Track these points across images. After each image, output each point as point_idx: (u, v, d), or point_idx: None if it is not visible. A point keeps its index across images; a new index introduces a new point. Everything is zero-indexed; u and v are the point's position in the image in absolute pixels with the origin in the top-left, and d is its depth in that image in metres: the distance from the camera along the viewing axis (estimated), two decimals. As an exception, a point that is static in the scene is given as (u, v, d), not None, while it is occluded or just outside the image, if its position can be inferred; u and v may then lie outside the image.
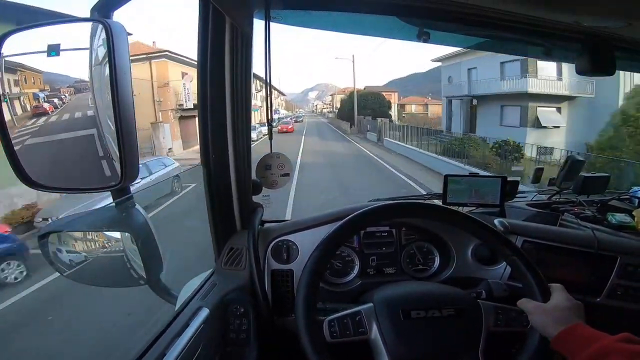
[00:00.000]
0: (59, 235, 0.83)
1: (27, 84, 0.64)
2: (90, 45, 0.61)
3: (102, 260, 0.89)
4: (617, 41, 1.02)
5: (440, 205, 1.03)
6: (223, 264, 1.08)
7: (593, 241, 1.12)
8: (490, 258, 1.14)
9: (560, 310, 0.74)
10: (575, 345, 0.67)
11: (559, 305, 0.75)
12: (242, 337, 0.93)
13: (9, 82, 0.62)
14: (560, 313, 0.73)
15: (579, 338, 0.67)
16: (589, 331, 0.68)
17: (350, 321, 0.80)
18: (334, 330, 0.78)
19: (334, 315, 0.80)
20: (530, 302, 0.78)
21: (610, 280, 1.10)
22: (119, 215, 0.84)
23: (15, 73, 0.63)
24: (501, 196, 1.29)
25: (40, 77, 0.65)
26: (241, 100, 0.97)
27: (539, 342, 0.76)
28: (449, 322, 0.81)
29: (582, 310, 0.74)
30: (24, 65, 0.63)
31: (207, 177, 1.04)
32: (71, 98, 0.67)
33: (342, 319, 0.80)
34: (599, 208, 1.49)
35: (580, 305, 0.75)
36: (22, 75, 0.64)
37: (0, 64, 0.60)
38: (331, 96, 51.90)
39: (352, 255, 1.17)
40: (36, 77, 0.65)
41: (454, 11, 0.96)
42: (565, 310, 0.73)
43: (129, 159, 0.64)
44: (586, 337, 0.67)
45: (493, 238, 0.88)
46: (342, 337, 0.78)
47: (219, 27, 0.89)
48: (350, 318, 0.80)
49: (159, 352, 0.74)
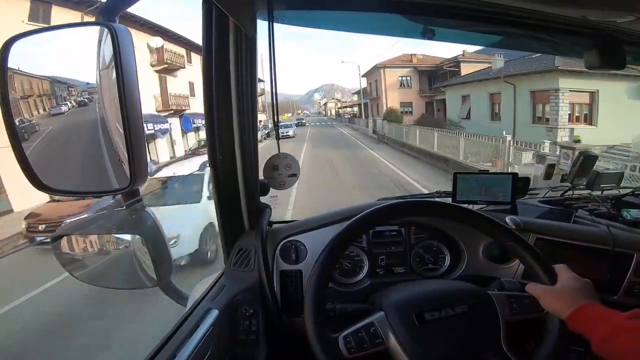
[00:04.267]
0: (71, 237, 0.85)
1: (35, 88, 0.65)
2: (98, 49, 0.62)
3: (113, 262, 0.90)
4: (626, 35, 1.00)
5: (450, 203, 1.02)
6: (232, 265, 1.08)
7: (608, 238, 1.09)
8: (502, 256, 1.13)
9: (568, 291, 0.73)
10: (587, 324, 0.66)
11: (567, 286, 0.74)
12: (251, 338, 0.93)
13: (19, 85, 0.63)
14: (570, 293, 0.72)
15: (590, 317, 0.67)
16: (599, 309, 0.67)
17: (365, 333, 0.78)
18: (351, 345, 0.76)
19: (347, 331, 0.78)
20: (539, 286, 0.77)
21: (627, 278, 1.07)
22: (129, 218, 0.85)
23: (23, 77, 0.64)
24: (512, 193, 1.27)
25: (47, 81, 0.67)
26: (247, 101, 0.97)
27: (560, 324, 0.74)
28: (465, 318, 0.80)
29: (591, 288, 0.73)
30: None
31: (214, 179, 1.05)
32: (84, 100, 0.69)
33: (357, 332, 0.78)
34: (613, 204, 1.46)
35: (588, 282, 0.74)
36: (29, 79, 0.65)
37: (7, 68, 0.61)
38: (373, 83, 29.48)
39: (361, 255, 1.17)
40: (44, 81, 0.66)
41: (459, 7, 0.96)
42: (573, 291, 0.72)
43: (138, 162, 0.64)
44: (597, 315, 0.66)
45: (493, 228, 0.87)
46: (360, 351, 0.76)
47: (223, 29, 0.90)
48: (365, 330, 0.78)
49: (169, 353, 0.75)
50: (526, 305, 0.81)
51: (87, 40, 0.64)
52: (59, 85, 0.68)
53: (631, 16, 0.83)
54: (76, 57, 0.67)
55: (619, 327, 0.61)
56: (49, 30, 0.62)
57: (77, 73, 0.67)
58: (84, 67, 0.66)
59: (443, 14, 0.99)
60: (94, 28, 0.63)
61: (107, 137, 0.68)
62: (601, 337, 0.62)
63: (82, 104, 0.69)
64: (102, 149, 0.70)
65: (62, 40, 0.63)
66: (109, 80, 0.62)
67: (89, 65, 0.65)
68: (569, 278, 0.75)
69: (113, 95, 0.60)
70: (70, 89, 0.69)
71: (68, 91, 0.69)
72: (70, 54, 0.67)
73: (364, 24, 1.15)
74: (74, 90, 0.69)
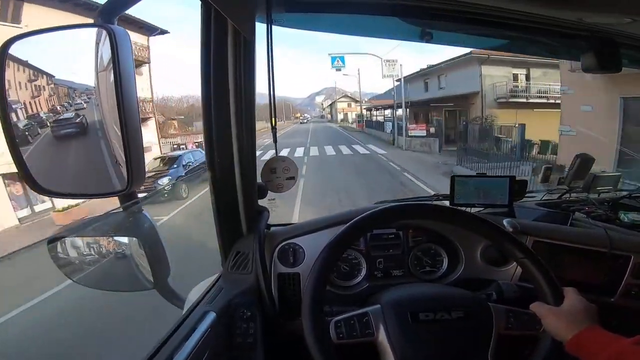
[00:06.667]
0: (68, 240, 0.85)
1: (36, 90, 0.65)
2: (96, 50, 0.62)
3: (110, 265, 0.90)
4: (622, 37, 1.01)
5: (447, 206, 1.02)
6: (230, 268, 1.08)
7: (606, 240, 1.09)
8: (500, 259, 1.13)
9: (574, 314, 0.72)
10: (590, 349, 0.65)
11: (573, 308, 0.73)
12: (249, 341, 0.93)
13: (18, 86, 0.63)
14: (574, 316, 0.71)
15: (593, 342, 0.66)
16: (603, 334, 0.66)
17: (357, 322, 0.79)
18: (341, 331, 0.77)
19: (340, 316, 0.80)
20: (544, 306, 0.76)
21: (624, 280, 1.07)
22: (126, 221, 0.85)
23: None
24: (510, 196, 1.27)
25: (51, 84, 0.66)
26: (245, 103, 0.97)
27: (552, 345, 0.74)
28: (458, 324, 0.80)
29: (596, 313, 0.72)
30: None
31: (212, 181, 1.04)
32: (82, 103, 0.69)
33: (349, 319, 0.79)
34: (610, 206, 1.46)
35: (593, 307, 0.73)
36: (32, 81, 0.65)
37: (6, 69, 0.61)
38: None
39: (359, 258, 1.17)
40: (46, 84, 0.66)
41: (456, 10, 0.96)
42: (579, 314, 0.71)
43: (135, 164, 0.64)
44: (601, 340, 0.65)
45: (502, 239, 0.86)
46: (348, 338, 0.77)
47: (221, 31, 0.90)
48: (357, 319, 0.79)
49: (166, 355, 0.74)
50: (524, 322, 0.81)
51: (85, 41, 0.64)
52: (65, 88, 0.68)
53: (627, 18, 0.84)
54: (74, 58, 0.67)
55: (624, 353, 0.60)
56: (47, 31, 0.62)
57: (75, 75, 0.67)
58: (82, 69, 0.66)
59: (440, 17, 1.00)
60: (92, 30, 0.63)
61: (105, 139, 0.68)
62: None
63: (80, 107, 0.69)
64: (100, 151, 0.69)
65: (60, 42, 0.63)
66: (106, 82, 0.62)
67: (87, 67, 0.65)
68: (575, 301, 0.74)
69: (110, 97, 0.60)
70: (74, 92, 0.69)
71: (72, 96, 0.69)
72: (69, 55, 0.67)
73: (362, 27, 1.16)
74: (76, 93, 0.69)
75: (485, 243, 1.12)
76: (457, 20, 1.00)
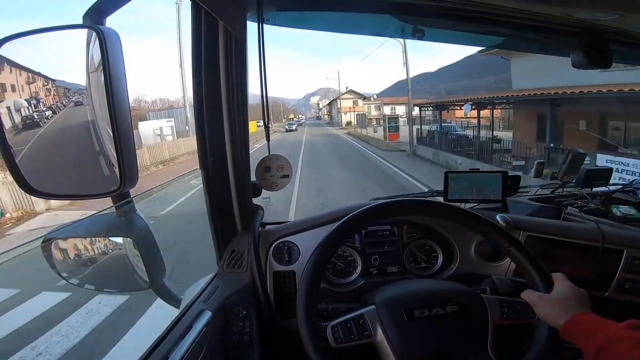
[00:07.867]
0: (61, 241, 0.84)
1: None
2: (86, 51, 0.62)
3: (105, 266, 0.89)
4: (611, 33, 1.01)
5: (440, 202, 1.03)
6: (225, 266, 1.08)
7: (598, 234, 1.11)
8: (494, 254, 1.14)
9: (564, 300, 0.73)
10: (582, 334, 0.66)
11: (563, 295, 0.74)
12: (245, 339, 0.93)
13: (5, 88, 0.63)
14: (566, 302, 0.72)
15: (585, 327, 0.66)
16: (595, 319, 0.67)
17: (354, 325, 0.79)
18: (338, 335, 0.77)
19: (336, 321, 0.79)
20: (534, 293, 0.77)
21: (617, 274, 1.09)
22: (120, 221, 0.84)
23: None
24: (503, 191, 1.28)
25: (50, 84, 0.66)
26: (238, 102, 0.97)
27: (548, 332, 0.75)
28: (454, 319, 0.81)
29: (587, 298, 0.73)
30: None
31: (206, 181, 1.04)
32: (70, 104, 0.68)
33: (345, 323, 0.79)
34: (602, 201, 1.48)
35: (583, 292, 0.74)
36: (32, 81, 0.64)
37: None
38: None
39: (354, 255, 1.17)
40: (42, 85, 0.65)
41: (447, 8, 0.97)
42: (570, 299, 0.72)
43: (128, 164, 0.64)
44: (592, 325, 0.66)
45: (491, 230, 0.87)
46: (347, 342, 0.77)
47: (212, 31, 0.90)
48: (354, 322, 0.79)
49: (162, 354, 0.75)
50: (518, 311, 0.82)
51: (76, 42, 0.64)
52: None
53: (615, 14, 0.84)
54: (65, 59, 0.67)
55: (615, 337, 0.60)
56: (37, 32, 0.62)
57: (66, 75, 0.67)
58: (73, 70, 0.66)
59: (432, 14, 1.00)
60: (82, 30, 0.63)
61: (97, 139, 0.68)
62: (596, 346, 0.61)
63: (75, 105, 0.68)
64: (92, 151, 0.69)
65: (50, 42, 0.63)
66: (97, 82, 0.62)
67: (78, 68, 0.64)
68: (565, 287, 0.75)
69: (102, 97, 0.60)
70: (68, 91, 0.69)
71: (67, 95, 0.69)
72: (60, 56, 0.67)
73: (354, 25, 1.16)
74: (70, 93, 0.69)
75: (479, 238, 1.13)
76: (449, 17, 1.01)
